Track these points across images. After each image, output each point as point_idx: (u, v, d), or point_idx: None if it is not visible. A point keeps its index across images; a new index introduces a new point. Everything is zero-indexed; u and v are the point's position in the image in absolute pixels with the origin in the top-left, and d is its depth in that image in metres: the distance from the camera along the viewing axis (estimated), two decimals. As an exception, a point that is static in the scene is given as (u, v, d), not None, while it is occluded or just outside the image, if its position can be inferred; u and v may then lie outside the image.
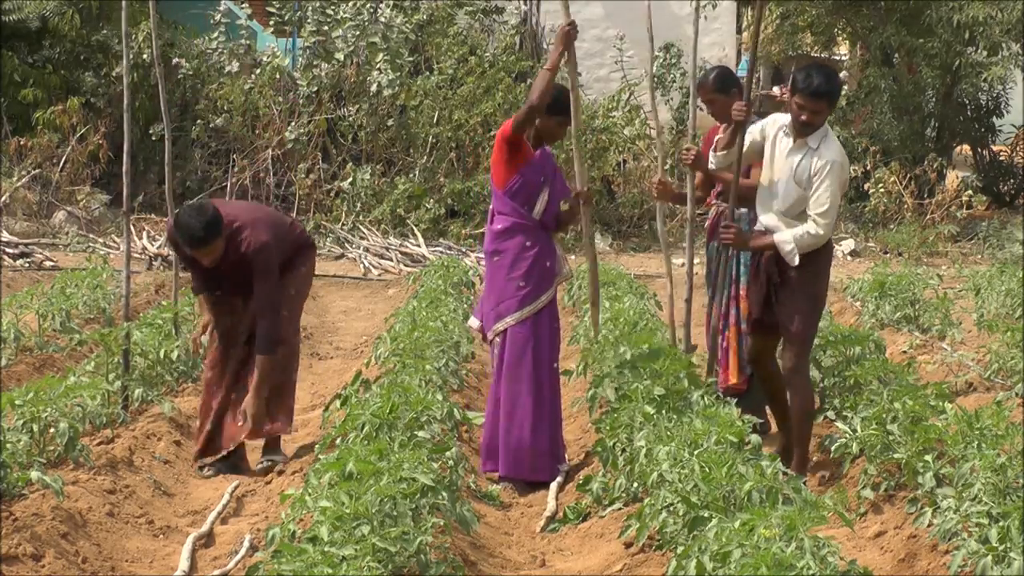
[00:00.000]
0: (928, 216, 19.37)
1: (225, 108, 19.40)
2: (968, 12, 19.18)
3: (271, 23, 22.04)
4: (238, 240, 7.60)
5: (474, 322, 7.86)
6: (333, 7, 20.05)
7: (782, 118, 7.10)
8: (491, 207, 7.71)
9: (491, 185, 7.71)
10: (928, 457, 6.50)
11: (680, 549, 5.10)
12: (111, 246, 17.09)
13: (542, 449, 7.59)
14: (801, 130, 6.92)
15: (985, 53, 19.84)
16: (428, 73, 19.83)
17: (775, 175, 7.06)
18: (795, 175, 7.00)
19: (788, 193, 7.03)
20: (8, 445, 6.41)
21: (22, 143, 18.83)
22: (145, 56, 17.88)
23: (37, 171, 18.67)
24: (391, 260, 17.41)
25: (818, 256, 7.08)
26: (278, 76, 19.67)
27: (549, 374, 7.65)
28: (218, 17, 20.25)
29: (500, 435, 7.59)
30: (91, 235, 17.70)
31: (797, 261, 6.96)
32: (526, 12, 21.35)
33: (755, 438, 6.30)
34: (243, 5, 22.53)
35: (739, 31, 24.44)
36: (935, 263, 17.30)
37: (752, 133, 7.14)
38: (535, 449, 7.57)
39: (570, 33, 7.68)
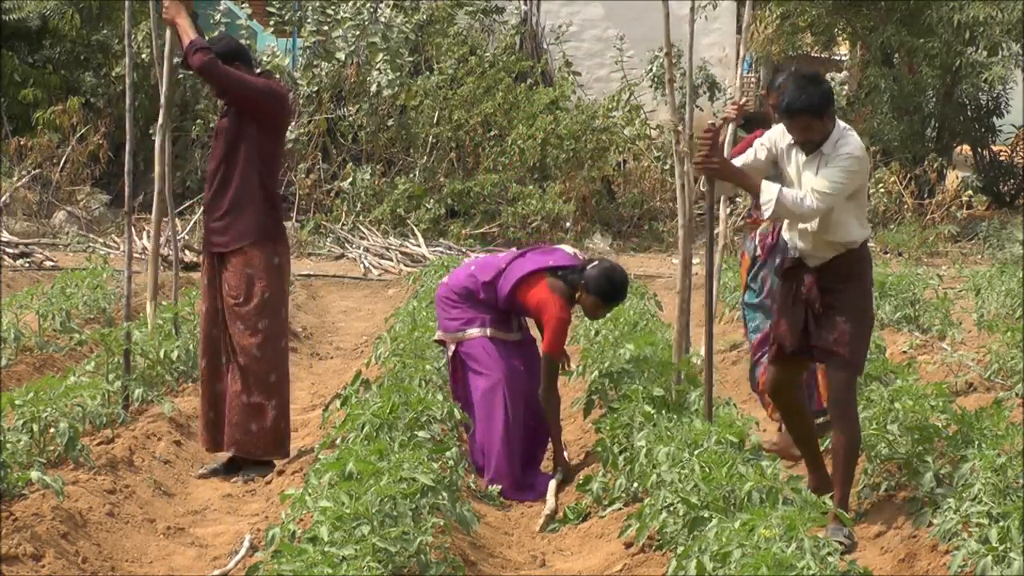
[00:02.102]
0: (928, 216, 19.38)
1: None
2: (968, 12, 19.20)
3: (271, 23, 22.05)
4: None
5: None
6: (333, 7, 20.06)
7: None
8: (479, 283, 7.69)
9: (497, 289, 7.66)
10: (928, 457, 6.50)
11: (680, 549, 5.10)
12: (111, 246, 17.10)
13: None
14: (804, 147, 6.32)
15: (985, 53, 19.86)
16: (428, 73, 19.84)
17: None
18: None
19: None
20: (8, 445, 6.41)
21: (22, 143, 18.84)
22: (145, 56, 17.88)
23: (37, 171, 18.68)
24: (391, 260, 17.41)
25: (865, 271, 6.44)
26: (278, 76, 19.67)
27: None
28: (218, 17, 20.25)
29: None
30: (91, 235, 17.71)
31: (768, 214, 6.23)
32: (526, 12, 21.36)
33: (755, 438, 6.30)
34: (243, 5, 22.53)
35: (739, 31, 24.42)
36: (935, 263, 17.30)
37: (763, 145, 6.47)
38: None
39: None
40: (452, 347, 7.70)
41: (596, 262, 7.70)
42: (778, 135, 6.44)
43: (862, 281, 6.41)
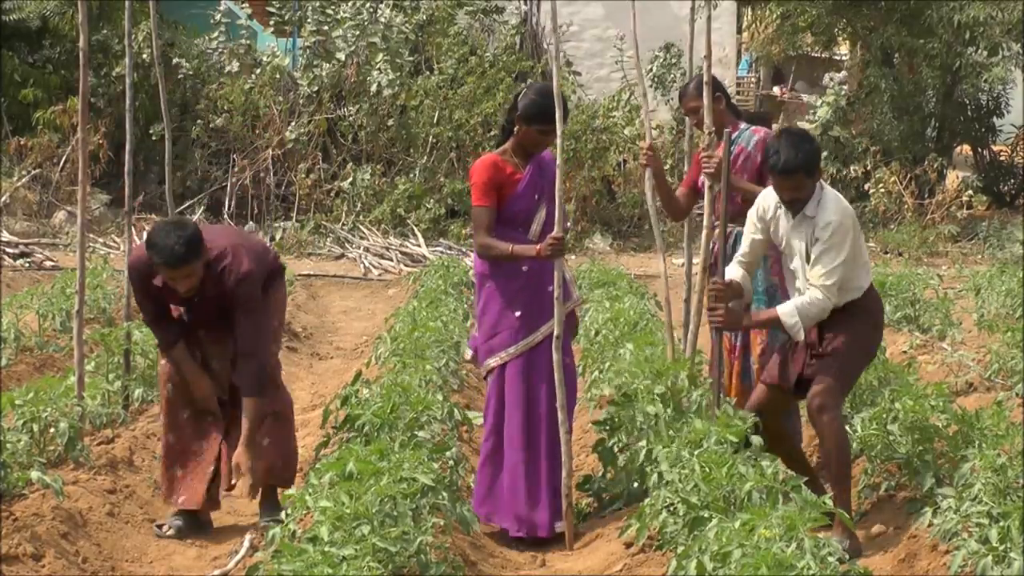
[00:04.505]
0: (928, 216, 19.38)
1: (225, 108, 19.41)
2: (968, 12, 19.20)
3: (271, 23, 22.05)
4: (219, 270, 6.50)
5: (468, 352, 7.12)
6: (333, 7, 20.07)
7: (773, 195, 6.39)
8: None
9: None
10: (928, 457, 6.49)
11: (680, 549, 5.10)
12: (111, 246, 17.10)
13: (536, 502, 6.74)
14: (791, 207, 6.29)
15: (985, 53, 19.86)
16: (428, 73, 19.85)
17: (791, 260, 6.36)
18: (805, 254, 6.30)
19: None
20: (8, 445, 6.41)
21: (22, 143, 18.85)
22: (145, 56, 17.89)
23: (37, 171, 18.69)
24: (391, 260, 17.42)
25: (869, 310, 6.36)
26: (278, 76, 19.68)
27: (547, 417, 6.75)
28: (218, 17, 20.26)
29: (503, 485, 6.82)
30: (91, 235, 17.71)
31: (802, 336, 6.24)
32: (526, 12, 21.36)
33: (756, 439, 6.30)
34: (243, 5, 22.54)
35: (739, 31, 24.43)
36: (935, 263, 17.30)
37: (754, 224, 6.46)
38: (528, 502, 6.74)
39: (557, 245, 6.55)
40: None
41: (521, 92, 6.92)
42: (765, 204, 6.42)
43: (866, 319, 6.35)
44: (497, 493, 6.80)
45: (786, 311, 6.24)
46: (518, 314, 6.70)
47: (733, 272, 6.51)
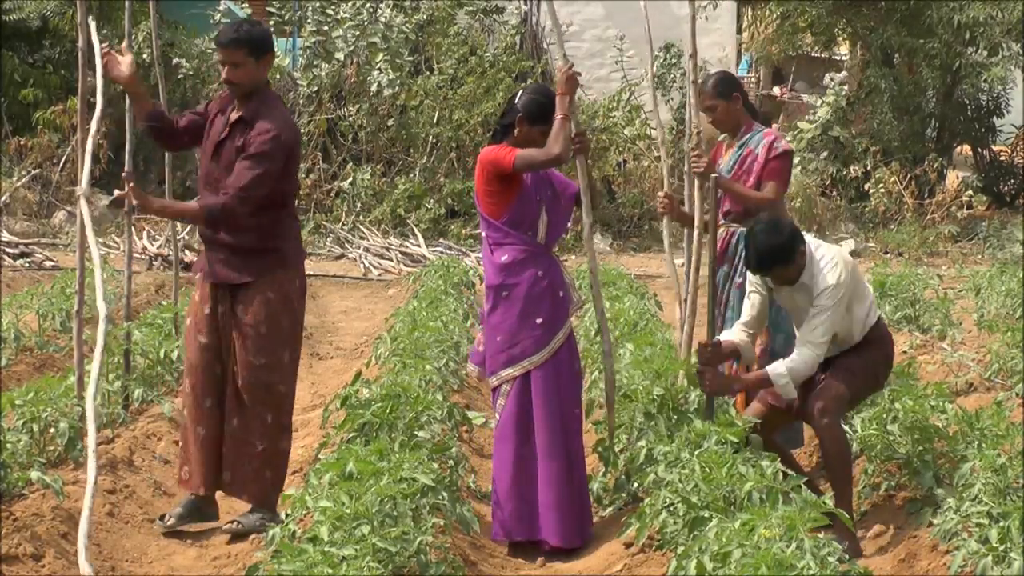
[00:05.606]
0: (928, 216, 19.38)
1: (225, 108, 19.39)
2: (968, 12, 19.19)
3: (271, 23, 22.05)
4: (257, 118, 6.55)
5: (472, 368, 6.92)
6: (333, 7, 20.07)
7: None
8: (484, 236, 6.72)
9: (480, 213, 6.77)
10: (928, 457, 6.50)
11: (680, 549, 5.11)
12: (111, 246, 17.09)
13: (577, 509, 6.63)
14: (786, 284, 6.42)
15: (985, 53, 19.85)
16: (428, 73, 19.85)
17: (797, 319, 6.45)
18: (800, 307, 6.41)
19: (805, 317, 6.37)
20: (8, 445, 6.41)
21: (22, 143, 18.85)
22: (145, 56, 17.88)
23: (37, 171, 18.68)
24: (391, 260, 17.41)
25: (884, 343, 6.48)
26: (278, 76, 19.67)
27: (573, 420, 6.71)
28: (218, 17, 20.26)
29: (541, 498, 6.57)
30: (91, 235, 17.69)
31: (795, 394, 6.30)
32: (526, 12, 21.36)
33: (755, 438, 6.30)
34: (243, 5, 22.53)
35: (739, 31, 24.43)
36: (935, 263, 17.30)
37: (753, 290, 6.53)
38: (572, 509, 6.59)
39: (574, 77, 6.62)
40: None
41: (518, 93, 6.79)
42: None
43: (877, 350, 6.45)
44: (534, 506, 6.57)
45: (777, 371, 6.30)
46: (540, 321, 6.56)
47: (734, 335, 6.57)
